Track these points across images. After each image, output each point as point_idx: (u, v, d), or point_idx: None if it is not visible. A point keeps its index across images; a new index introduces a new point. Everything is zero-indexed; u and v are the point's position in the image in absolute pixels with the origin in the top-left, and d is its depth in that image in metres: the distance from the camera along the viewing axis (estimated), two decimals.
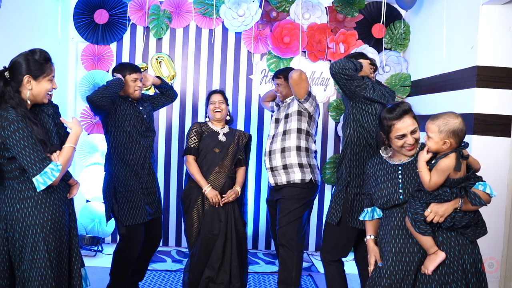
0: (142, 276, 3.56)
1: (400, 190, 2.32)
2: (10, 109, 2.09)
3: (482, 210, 2.24)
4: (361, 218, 2.61)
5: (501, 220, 3.47)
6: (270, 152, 3.33)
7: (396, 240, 2.30)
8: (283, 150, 3.27)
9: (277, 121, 3.38)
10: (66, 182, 2.36)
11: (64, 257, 2.24)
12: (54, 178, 2.08)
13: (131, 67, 3.34)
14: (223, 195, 3.37)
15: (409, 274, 2.23)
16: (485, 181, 2.20)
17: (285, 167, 3.24)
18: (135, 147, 3.27)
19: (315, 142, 3.40)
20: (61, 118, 2.35)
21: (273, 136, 3.36)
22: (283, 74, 3.50)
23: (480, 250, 2.27)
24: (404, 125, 2.30)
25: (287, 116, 3.31)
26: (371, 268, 2.47)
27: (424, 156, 2.18)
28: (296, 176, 3.20)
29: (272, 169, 3.31)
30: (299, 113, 3.28)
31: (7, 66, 2.22)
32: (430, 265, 2.16)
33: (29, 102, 2.19)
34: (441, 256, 2.15)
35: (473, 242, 2.24)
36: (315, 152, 3.39)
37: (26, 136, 2.05)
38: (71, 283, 2.30)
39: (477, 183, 2.18)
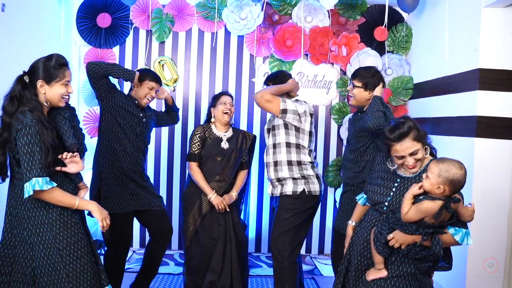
0: (155, 272, 3.51)
1: (386, 203, 2.36)
2: (28, 113, 2.17)
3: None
4: (356, 197, 2.72)
5: (504, 221, 3.46)
6: (266, 164, 3.31)
7: (361, 239, 2.44)
8: (275, 163, 3.23)
9: (268, 131, 3.32)
10: (75, 185, 2.40)
11: (85, 254, 2.28)
12: (34, 189, 2.10)
13: (154, 76, 3.38)
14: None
15: (356, 270, 2.43)
16: (462, 228, 2.19)
17: (279, 180, 3.22)
18: (125, 140, 3.26)
19: (310, 153, 3.25)
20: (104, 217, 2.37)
21: (267, 147, 3.33)
22: (272, 81, 3.37)
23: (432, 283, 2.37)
24: (402, 148, 2.29)
25: (274, 128, 3.25)
26: (345, 249, 2.65)
27: (415, 190, 2.18)
28: (288, 188, 3.17)
29: (270, 180, 3.32)
30: (285, 126, 3.19)
31: (26, 71, 2.30)
32: (370, 275, 2.34)
33: (46, 105, 2.27)
34: (382, 274, 2.30)
35: (426, 274, 2.31)
36: (312, 162, 3.26)
37: (32, 143, 2.10)
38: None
39: (450, 227, 2.18)
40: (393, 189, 2.37)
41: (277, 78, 3.34)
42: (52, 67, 2.27)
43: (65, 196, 2.22)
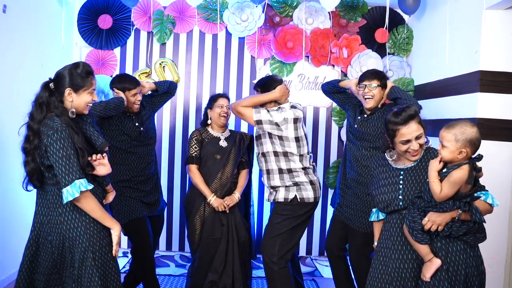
0: (139, 281, 3.58)
1: (400, 197, 2.32)
2: (56, 118, 2.18)
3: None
4: (370, 219, 2.61)
5: (505, 222, 3.47)
6: (261, 171, 3.32)
7: (395, 247, 2.32)
8: (268, 172, 3.23)
9: (256, 139, 3.31)
10: (103, 188, 2.42)
11: (112, 257, 2.30)
12: (80, 191, 2.11)
13: (130, 82, 3.26)
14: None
15: (409, 280, 2.26)
16: (487, 191, 2.19)
17: (272, 187, 3.23)
18: (130, 157, 3.27)
19: (301, 158, 3.17)
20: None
21: (257, 155, 3.31)
22: (260, 87, 3.31)
23: (480, 251, 2.28)
24: (409, 130, 2.28)
25: (259, 137, 3.23)
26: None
27: (436, 166, 2.14)
28: (280, 194, 3.18)
29: (266, 186, 3.33)
30: (269, 135, 3.15)
31: (52, 78, 2.31)
32: (427, 273, 2.19)
33: (73, 112, 2.27)
34: (436, 263, 2.17)
35: (474, 246, 2.24)
36: (306, 168, 3.20)
37: (66, 147, 2.12)
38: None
39: (477, 193, 2.16)
40: (401, 182, 2.34)
41: (265, 85, 3.27)
42: (79, 75, 2.27)
43: (97, 204, 2.22)
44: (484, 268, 2.26)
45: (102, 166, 2.32)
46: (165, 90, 3.58)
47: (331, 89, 3.53)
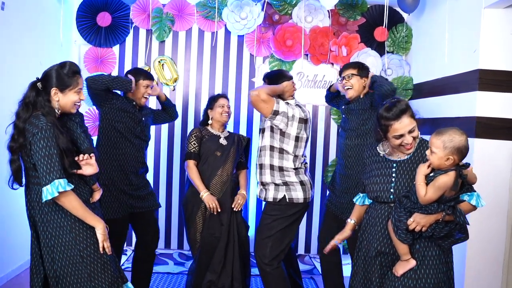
0: (149, 281, 3.56)
1: (392, 190, 2.34)
2: (42, 117, 2.20)
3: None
4: (354, 199, 2.69)
5: (503, 221, 3.47)
6: (255, 165, 3.33)
7: (377, 237, 2.38)
8: (260, 166, 3.21)
9: (259, 132, 3.29)
10: (89, 187, 2.43)
11: (98, 258, 2.29)
12: (59, 191, 2.11)
13: (146, 74, 3.39)
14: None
15: (382, 268, 2.37)
16: (473, 192, 2.21)
17: (263, 184, 3.20)
18: (125, 143, 3.25)
19: (295, 159, 3.14)
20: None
21: (258, 149, 3.30)
22: (269, 78, 3.28)
23: (453, 258, 2.36)
24: (402, 125, 2.29)
25: (263, 131, 3.21)
26: (332, 242, 2.66)
27: (424, 170, 2.18)
28: (269, 194, 3.16)
29: (258, 182, 3.33)
30: (271, 129, 3.12)
31: (39, 77, 2.34)
32: (400, 269, 2.28)
33: (58, 112, 2.31)
34: (412, 264, 2.26)
35: (447, 251, 2.31)
36: (297, 168, 3.16)
37: (49, 146, 2.13)
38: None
39: (462, 194, 2.19)
40: (393, 175, 2.36)
41: (274, 77, 3.26)
42: (66, 75, 2.30)
43: (79, 203, 2.22)
44: (452, 274, 2.34)
45: (89, 166, 2.34)
46: (170, 106, 3.67)
47: (328, 97, 3.73)
